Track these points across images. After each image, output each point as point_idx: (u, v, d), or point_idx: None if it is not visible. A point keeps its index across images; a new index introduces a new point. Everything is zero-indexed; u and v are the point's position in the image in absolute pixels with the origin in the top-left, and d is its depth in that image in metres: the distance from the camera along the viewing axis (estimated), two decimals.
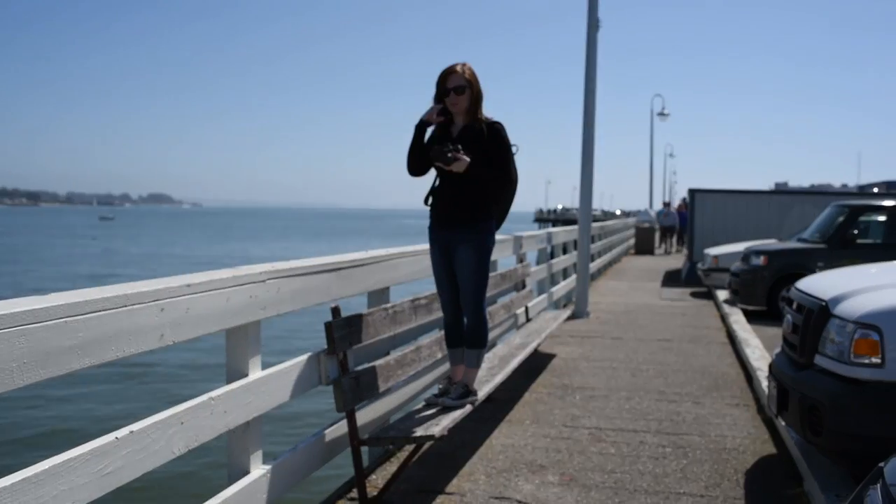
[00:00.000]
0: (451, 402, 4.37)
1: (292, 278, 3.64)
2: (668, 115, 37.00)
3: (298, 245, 61.88)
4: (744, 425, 5.64)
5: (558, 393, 6.55)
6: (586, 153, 11.23)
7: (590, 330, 10.14)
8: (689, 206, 19.07)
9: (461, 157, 4.13)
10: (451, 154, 4.11)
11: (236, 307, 3.18)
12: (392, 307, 4.56)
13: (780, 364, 4.57)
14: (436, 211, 4.42)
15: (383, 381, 4.24)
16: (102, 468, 2.43)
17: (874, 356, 3.80)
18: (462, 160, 4.13)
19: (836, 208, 12.14)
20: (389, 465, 4.68)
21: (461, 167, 4.15)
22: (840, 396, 3.86)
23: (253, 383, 3.29)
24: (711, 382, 7.06)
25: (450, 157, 4.11)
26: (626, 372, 7.46)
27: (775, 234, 16.42)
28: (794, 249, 12.07)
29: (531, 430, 5.42)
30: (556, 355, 8.17)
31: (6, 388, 2.13)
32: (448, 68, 4.32)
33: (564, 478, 4.48)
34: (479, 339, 4.48)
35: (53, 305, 2.28)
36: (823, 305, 4.17)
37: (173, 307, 2.80)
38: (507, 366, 5.53)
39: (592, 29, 10.98)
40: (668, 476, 4.53)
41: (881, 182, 69.51)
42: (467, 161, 4.14)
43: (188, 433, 2.86)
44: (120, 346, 2.54)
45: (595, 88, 11.10)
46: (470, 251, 4.33)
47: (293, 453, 3.67)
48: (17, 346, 2.14)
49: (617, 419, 5.74)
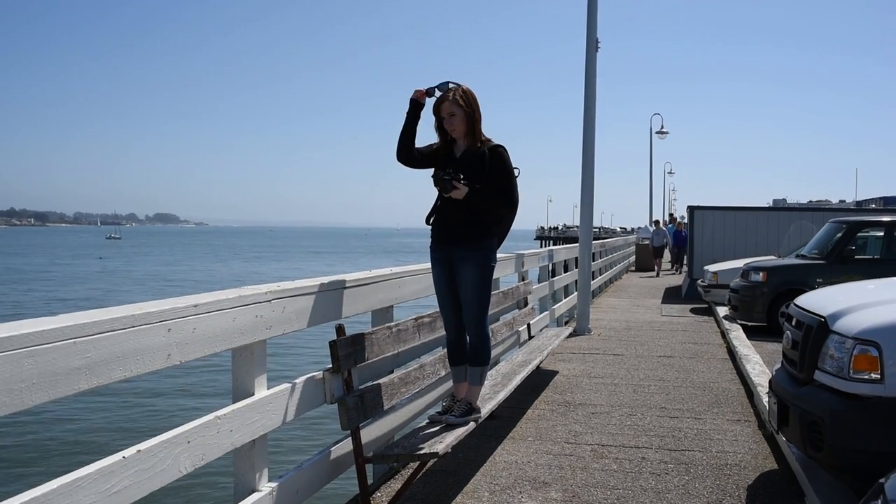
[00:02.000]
0: (454, 420, 4.39)
1: (297, 298, 3.67)
2: (667, 133, 37.17)
3: (301, 264, 61.88)
4: (745, 441, 5.66)
5: (561, 409, 6.56)
6: (586, 171, 11.29)
7: (591, 347, 10.15)
8: (689, 223, 19.11)
9: (460, 185, 4.19)
10: (451, 182, 4.17)
11: (242, 327, 3.22)
12: (396, 325, 4.59)
13: (781, 380, 4.58)
14: (438, 230, 4.46)
15: (387, 398, 4.26)
16: (110, 487, 2.45)
17: (873, 372, 3.82)
18: (460, 189, 4.20)
19: (835, 224, 12.18)
20: (394, 482, 4.69)
21: (459, 195, 4.21)
22: (840, 412, 3.88)
23: (259, 402, 3.32)
24: (712, 398, 7.08)
25: (448, 185, 4.18)
26: (628, 388, 7.47)
27: (774, 251, 16.46)
28: (793, 266, 12.11)
29: (534, 447, 5.43)
30: (558, 372, 8.18)
31: (15, 408, 2.15)
32: (442, 95, 4.36)
33: (567, 494, 4.49)
34: (481, 356, 4.51)
35: (62, 326, 2.30)
36: (822, 321, 4.19)
37: (180, 327, 2.83)
38: (510, 383, 5.55)
39: (592, 49, 11.08)
40: (670, 492, 4.54)
41: (878, 198, 69.61)
42: (465, 190, 4.20)
43: (195, 452, 2.88)
44: (127, 366, 2.56)
45: (594, 107, 11.18)
46: (472, 270, 4.36)
47: (299, 471, 3.69)
48: (25, 366, 2.16)
49: (619, 435, 5.76)
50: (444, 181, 4.19)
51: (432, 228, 4.49)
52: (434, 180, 4.24)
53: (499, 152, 4.35)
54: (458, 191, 4.19)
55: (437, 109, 4.34)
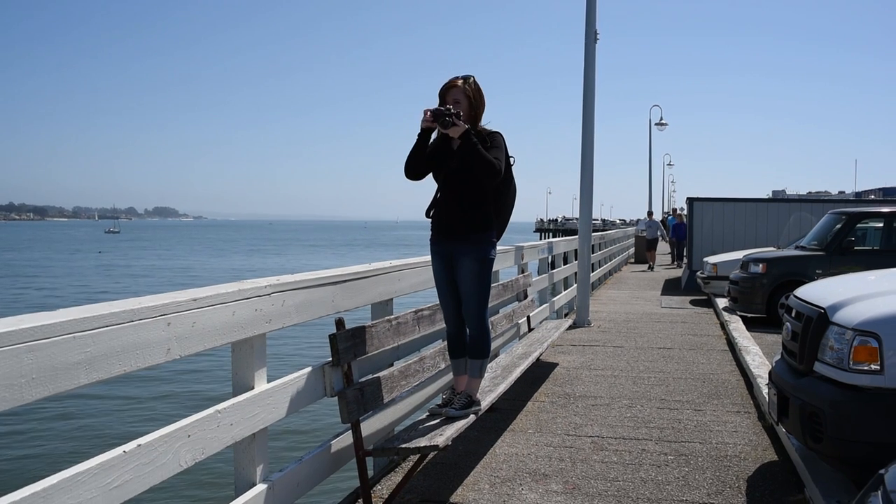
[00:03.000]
0: (454, 413, 4.39)
1: (297, 291, 3.67)
2: (666, 125, 37.15)
3: (301, 257, 61.90)
4: (745, 432, 5.66)
5: (561, 402, 6.57)
6: (586, 163, 11.28)
7: (591, 339, 10.16)
8: (688, 215, 19.10)
9: (458, 123, 4.18)
10: (451, 119, 4.17)
11: (242, 321, 3.22)
12: (395, 319, 4.59)
13: (780, 371, 4.59)
14: (437, 223, 4.46)
15: (387, 392, 4.27)
16: (110, 482, 2.44)
17: (873, 363, 3.82)
18: (459, 126, 4.17)
19: (834, 216, 12.18)
20: (394, 475, 4.70)
21: (457, 132, 4.18)
22: (840, 403, 3.89)
23: (258, 396, 3.32)
24: (712, 390, 7.08)
25: (448, 121, 4.17)
26: (628, 380, 7.48)
27: (773, 242, 16.47)
28: (793, 257, 12.10)
29: (534, 439, 5.44)
30: (558, 364, 8.19)
31: (15, 403, 2.14)
32: (449, 82, 4.36)
33: (568, 486, 4.49)
34: (481, 349, 4.51)
35: (61, 321, 2.29)
36: (822, 313, 4.20)
37: (180, 321, 2.83)
38: (510, 375, 5.55)
39: (591, 40, 11.06)
40: (670, 484, 4.55)
41: (877, 189, 69.61)
42: (464, 128, 4.18)
43: (195, 446, 2.88)
44: (127, 360, 2.56)
45: (594, 99, 11.17)
46: (472, 262, 4.36)
47: (299, 465, 3.70)
48: (25, 361, 2.15)
49: (619, 427, 5.76)
50: (444, 117, 4.18)
51: (432, 221, 4.49)
52: (434, 115, 4.22)
53: (495, 135, 4.36)
54: (456, 127, 4.17)
55: (444, 95, 4.34)
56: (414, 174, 4.41)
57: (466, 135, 4.17)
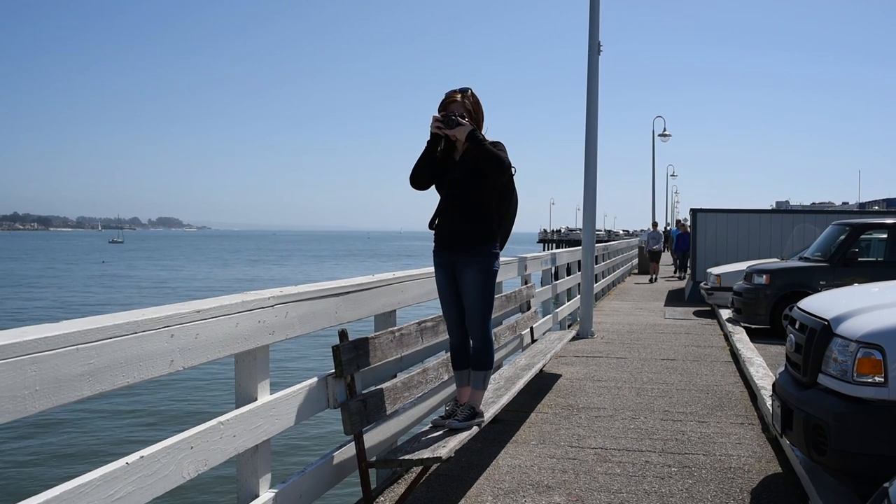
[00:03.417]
0: (457, 424, 4.38)
1: (300, 303, 3.67)
2: (670, 136, 37.17)
3: (304, 268, 61.93)
4: (749, 444, 5.65)
5: (564, 413, 6.56)
6: (589, 174, 11.29)
7: (594, 350, 10.15)
8: (692, 226, 19.09)
9: (464, 122, 4.23)
10: (456, 118, 4.22)
11: (245, 332, 3.22)
12: (399, 330, 4.59)
13: (784, 383, 4.58)
14: (440, 234, 4.47)
15: (391, 403, 4.26)
16: (113, 493, 2.44)
17: (877, 375, 3.81)
18: (464, 126, 4.22)
19: (838, 227, 12.16)
20: (397, 486, 4.69)
21: (462, 133, 4.22)
22: (844, 415, 3.87)
23: (261, 407, 3.32)
24: (716, 401, 7.07)
25: (454, 120, 4.22)
26: (631, 392, 7.46)
27: (777, 253, 16.45)
28: (796, 268, 12.09)
29: (537, 451, 5.43)
30: (561, 375, 8.18)
31: (18, 415, 2.14)
32: (448, 96, 4.37)
33: (571, 498, 4.48)
34: (484, 360, 4.51)
35: (65, 333, 2.29)
36: (826, 325, 4.19)
37: (183, 333, 2.83)
38: (513, 387, 5.55)
39: (594, 52, 11.09)
40: (673, 496, 4.53)
41: (881, 199, 69.55)
42: (469, 128, 4.22)
43: (198, 457, 2.88)
44: (131, 372, 2.56)
45: (597, 110, 11.19)
46: (475, 274, 4.36)
47: (302, 476, 3.69)
48: (28, 373, 2.15)
49: (622, 439, 5.75)
50: (449, 118, 4.22)
51: (435, 232, 4.49)
52: (443, 119, 4.26)
53: (497, 142, 4.38)
54: (461, 127, 4.22)
55: (444, 110, 4.36)
56: (419, 183, 4.42)
57: (473, 133, 4.22)
